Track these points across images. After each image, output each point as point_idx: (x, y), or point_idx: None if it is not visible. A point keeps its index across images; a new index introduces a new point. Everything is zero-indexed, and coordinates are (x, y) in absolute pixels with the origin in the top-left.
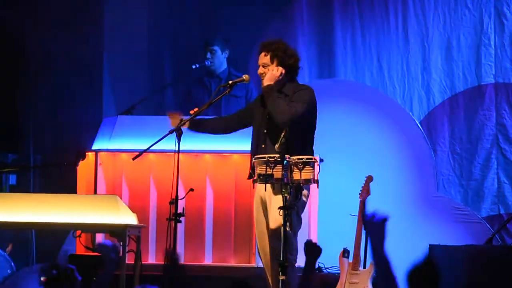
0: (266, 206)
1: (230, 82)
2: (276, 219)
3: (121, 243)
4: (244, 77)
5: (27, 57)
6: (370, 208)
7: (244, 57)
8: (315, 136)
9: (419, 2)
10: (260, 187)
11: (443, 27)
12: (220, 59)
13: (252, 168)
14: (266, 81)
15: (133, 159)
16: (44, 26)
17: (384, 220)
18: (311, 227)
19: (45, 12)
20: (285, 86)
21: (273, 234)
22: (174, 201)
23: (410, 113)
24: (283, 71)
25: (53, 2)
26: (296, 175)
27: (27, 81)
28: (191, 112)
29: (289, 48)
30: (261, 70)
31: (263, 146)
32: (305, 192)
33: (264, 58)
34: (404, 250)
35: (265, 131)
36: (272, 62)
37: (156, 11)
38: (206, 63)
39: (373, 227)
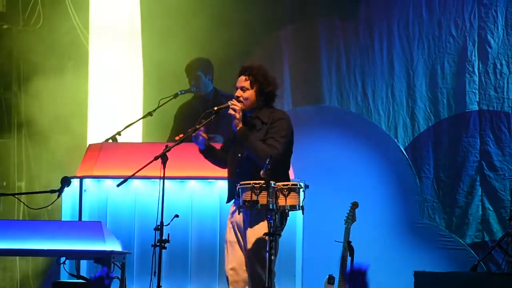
0: (241, 231)
1: (216, 108)
2: (254, 244)
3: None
4: (229, 103)
5: (12, 82)
6: (356, 234)
7: (229, 82)
8: (301, 161)
9: (404, 29)
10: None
11: (427, 54)
12: (205, 83)
13: (235, 193)
14: (237, 127)
15: (118, 185)
16: (32, 54)
17: (365, 273)
18: (297, 253)
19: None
20: (261, 111)
21: (253, 260)
22: (159, 227)
23: (395, 140)
24: (243, 104)
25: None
26: (281, 201)
27: (11, 107)
28: (176, 138)
29: (269, 75)
30: (239, 93)
31: (237, 170)
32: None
33: (244, 82)
34: (389, 277)
35: (239, 155)
36: (251, 87)
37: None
38: (192, 89)
39: (355, 280)
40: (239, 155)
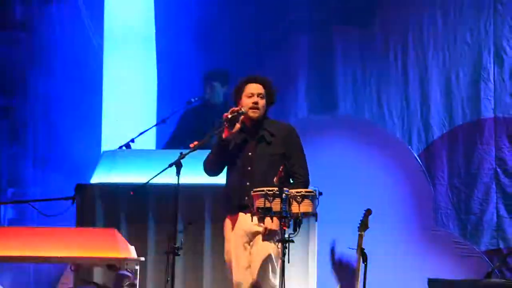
0: (251, 240)
1: (229, 116)
2: (264, 251)
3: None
4: (242, 109)
5: (26, 88)
6: (369, 241)
7: None
8: (315, 169)
9: (418, 38)
10: (244, 220)
11: (442, 62)
12: (219, 93)
13: (243, 200)
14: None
15: (132, 192)
16: (42, 61)
17: None
18: (310, 260)
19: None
20: (265, 122)
21: (262, 266)
22: (173, 235)
23: (409, 147)
24: (259, 111)
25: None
26: (294, 208)
27: (26, 115)
28: (191, 145)
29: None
30: (255, 99)
31: (247, 183)
32: None
33: (261, 89)
34: (403, 284)
35: (249, 168)
36: (266, 95)
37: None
38: (205, 96)
39: None
40: (249, 153)
